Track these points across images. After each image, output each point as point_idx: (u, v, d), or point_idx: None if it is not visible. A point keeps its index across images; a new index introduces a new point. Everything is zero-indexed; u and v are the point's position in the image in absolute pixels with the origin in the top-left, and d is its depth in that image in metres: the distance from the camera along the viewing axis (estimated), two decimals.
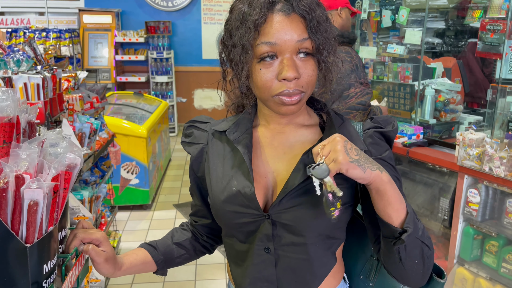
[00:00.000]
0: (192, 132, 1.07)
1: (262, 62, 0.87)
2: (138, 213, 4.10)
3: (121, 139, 3.90)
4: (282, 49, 0.85)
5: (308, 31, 0.86)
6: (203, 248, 1.16)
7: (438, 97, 2.86)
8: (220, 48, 0.98)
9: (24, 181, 0.67)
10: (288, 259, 0.94)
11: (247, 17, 0.86)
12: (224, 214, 0.96)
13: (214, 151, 1.02)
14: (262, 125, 1.01)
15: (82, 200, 2.18)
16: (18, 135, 0.75)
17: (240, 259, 0.99)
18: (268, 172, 0.96)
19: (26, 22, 6.57)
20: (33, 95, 1.86)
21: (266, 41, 0.85)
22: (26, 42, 2.57)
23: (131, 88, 6.91)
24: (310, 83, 0.89)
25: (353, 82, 2.19)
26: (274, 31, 0.85)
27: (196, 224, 1.15)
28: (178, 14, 7.03)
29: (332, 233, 0.94)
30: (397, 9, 3.12)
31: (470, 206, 2.36)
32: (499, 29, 2.38)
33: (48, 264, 0.75)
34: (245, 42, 0.86)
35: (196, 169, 1.06)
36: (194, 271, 3.12)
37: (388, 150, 0.96)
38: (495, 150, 2.17)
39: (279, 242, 0.93)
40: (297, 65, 0.86)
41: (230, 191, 0.94)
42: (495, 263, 2.31)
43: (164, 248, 1.10)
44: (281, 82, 0.86)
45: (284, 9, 0.86)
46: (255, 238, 0.94)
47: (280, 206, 0.91)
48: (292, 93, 0.87)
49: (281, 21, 0.85)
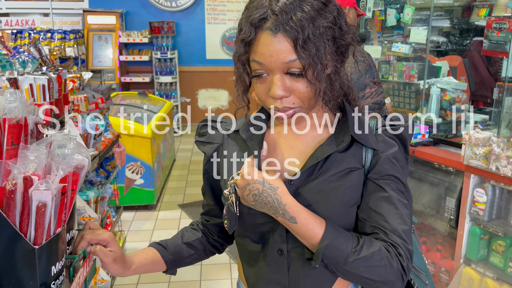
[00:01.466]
0: (207, 131, 1.07)
1: (257, 77, 0.88)
2: (143, 213, 4.10)
3: (126, 140, 3.91)
4: (269, 69, 0.85)
5: (296, 50, 0.82)
6: (213, 248, 1.16)
7: (443, 96, 2.85)
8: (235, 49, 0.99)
9: (33, 183, 0.67)
10: (301, 261, 0.93)
11: (242, 34, 0.87)
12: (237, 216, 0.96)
13: (229, 151, 1.02)
14: (277, 125, 1.01)
15: (88, 200, 2.18)
16: (26, 136, 0.75)
17: (253, 260, 0.99)
18: (283, 171, 0.96)
19: (31, 23, 6.60)
20: (39, 96, 1.86)
21: (255, 59, 0.86)
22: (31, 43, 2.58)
23: (135, 88, 6.92)
24: (305, 99, 0.87)
25: (368, 82, 2.18)
26: (261, 52, 0.84)
27: (208, 223, 1.15)
28: (182, 14, 7.04)
29: None
30: (402, 7, 3.10)
31: (476, 206, 2.34)
32: (505, 28, 2.36)
33: (56, 266, 0.75)
34: (240, 58, 0.89)
35: (210, 168, 1.06)
36: (199, 271, 3.12)
37: (396, 148, 0.93)
38: (501, 149, 2.15)
39: (293, 244, 0.92)
40: (285, 84, 0.85)
41: None
42: (502, 263, 2.29)
43: (174, 247, 1.10)
44: (270, 98, 0.87)
45: (272, 27, 0.82)
46: (269, 239, 0.94)
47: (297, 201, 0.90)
48: (283, 109, 0.87)
49: (267, 42, 0.83)
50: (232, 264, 3.20)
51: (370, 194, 0.91)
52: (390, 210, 0.89)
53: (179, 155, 5.98)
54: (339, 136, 0.93)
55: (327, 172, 0.91)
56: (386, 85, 3.15)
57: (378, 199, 0.90)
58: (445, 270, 2.64)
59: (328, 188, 0.90)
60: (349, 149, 0.93)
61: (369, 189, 0.92)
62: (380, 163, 0.92)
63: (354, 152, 0.93)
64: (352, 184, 0.91)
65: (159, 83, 6.86)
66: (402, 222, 0.88)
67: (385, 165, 0.92)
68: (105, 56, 6.62)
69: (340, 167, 0.91)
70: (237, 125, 1.03)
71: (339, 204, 0.90)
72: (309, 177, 0.91)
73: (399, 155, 0.94)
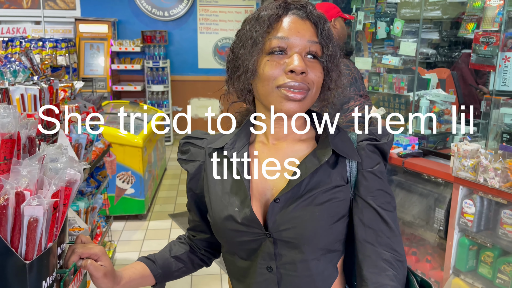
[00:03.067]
0: (189, 148, 1.07)
1: (271, 55, 0.89)
2: (134, 223, 4.08)
3: (117, 149, 3.89)
4: (292, 45, 0.89)
5: (318, 37, 0.91)
6: (200, 262, 1.16)
7: (432, 108, 2.89)
8: (229, 55, 0.99)
9: (25, 198, 0.67)
10: (290, 277, 0.94)
11: (262, 16, 0.91)
12: (225, 233, 0.97)
13: (213, 168, 1.02)
14: (259, 141, 1.01)
15: (78, 211, 2.17)
16: (19, 151, 0.76)
17: (242, 276, 0.99)
18: (268, 190, 0.96)
19: (22, 31, 6.58)
20: (30, 106, 1.86)
21: (278, 35, 0.89)
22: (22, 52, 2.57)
23: (127, 97, 6.91)
24: (316, 84, 0.91)
25: (352, 95, 2.19)
26: (287, 28, 0.89)
27: (194, 238, 1.15)
28: (174, 23, 7.06)
29: (333, 246, 0.94)
30: (392, 20, 3.15)
31: (465, 217, 2.37)
32: (493, 42, 2.41)
33: (47, 280, 0.75)
34: (256, 35, 0.90)
35: (195, 186, 1.06)
36: (189, 282, 3.10)
37: (379, 163, 0.96)
38: (489, 161, 2.19)
39: (281, 261, 0.93)
40: (306, 63, 0.89)
41: (231, 210, 0.94)
42: (491, 273, 2.31)
43: (162, 261, 1.10)
44: (287, 74, 0.88)
45: (299, 13, 0.91)
46: (257, 256, 0.94)
47: (281, 220, 0.91)
48: (298, 87, 0.88)
49: (294, 21, 0.90)
50: (223, 275, 3.18)
51: (361, 211, 0.93)
52: (381, 225, 0.92)
53: (170, 164, 5.96)
54: (320, 151, 0.94)
55: (311, 190, 0.92)
56: (376, 97, 3.19)
57: (369, 216, 0.92)
58: (434, 281, 2.65)
59: (312, 205, 0.91)
60: (335, 166, 0.94)
61: (360, 206, 0.93)
62: (368, 179, 0.94)
63: (340, 169, 0.95)
64: (337, 201, 0.93)
65: (151, 92, 6.86)
66: (393, 235, 0.92)
67: (372, 182, 0.94)
68: (96, 65, 6.61)
69: (325, 184, 0.93)
70: (219, 142, 1.02)
71: (324, 220, 0.91)
72: (294, 195, 0.92)
73: (383, 168, 0.96)
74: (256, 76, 0.91)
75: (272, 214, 0.92)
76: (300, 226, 0.90)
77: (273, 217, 0.92)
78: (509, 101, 2.43)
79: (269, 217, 0.92)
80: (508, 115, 2.42)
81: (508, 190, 2.09)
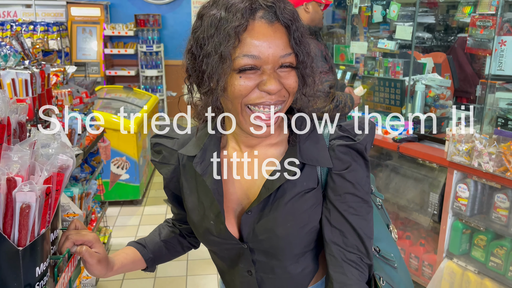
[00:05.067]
0: (161, 150, 1.03)
1: (243, 72, 0.81)
2: (129, 208, 4.08)
3: (111, 134, 3.87)
4: (265, 62, 0.80)
5: (291, 43, 0.82)
6: (189, 244, 1.18)
7: (428, 93, 2.88)
8: (186, 56, 0.90)
9: (16, 184, 0.66)
10: (271, 280, 0.96)
11: (225, 23, 0.78)
12: (204, 241, 0.99)
13: (187, 175, 0.99)
14: (231, 146, 0.96)
15: (72, 197, 2.16)
16: (9, 136, 0.74)
17: (226, 272, 1.02)
18: (242, 199, 0.95)
19: (12, 15, 6.45)
20: (21, 91, 1.83)
21: (247, 54, 0.79)
22: (13, 36, 2.53)
23: (121, 82, 6.84)
24: (292, 93, 0.86)
25: None
26: (256, 44, 0.79)
27: (181, 227, 1.16)
28: (168, 7, 6.96)
29: (309, 247, 0.94)
30: (388, 4, 3.12)
31: (459, 201, 2.38)
32: (489, 25, 2.40)
33: (40, 267, 0.74)
34: (223, 51, 0.78)
35: (173, 188, 1.05)
36: (185, 267, 3.12)
37: (350, 166, 0.88)
38: (484, 146, 2.19)
39: (260, 266, 0.95)
40: (279, 76, 0.82)
41: (207, 223, 0.95)
42: (483, 257, 2.34)
43: (152, 246, 1.11)
44: (261, 92, 0.82)
45: (267, 16, 0.80)
46: (238, 261, 0.96)
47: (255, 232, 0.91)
48: (274, 103, 0.83)
49: (264, 32, 0.79)
50: None
51: (329, 211, 0.90)
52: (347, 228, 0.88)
53: None
54: (288, 162, 0.90)
55: (280, 199, 0.89)
56: (371, 81, 3.17)
57: (335, 218, 0.89)
58: (428, 264, 2.68)
59: (283, 215, 0.89)
60: (301, 171, 0.90)
61: (328, 207, 0.90)
62: (336, 182, 0.89)
63: (307, 174, 0.90)
64: (309, 206, 0.90)
65: (145, 76, 6.79)
66: (359, 238, 0.88)
67: (340, 184, 0.88)
68: (89, 49, 6.53)
69: (292, 192, 0.89)
70: (190, 147, 0.97)
71: (296, 228, 0.89)
72: (265, 206, 0.90)
73: (356, 169, 0.89)
74: (225, 93, 0.83)
75: (246, 226, 0.92)
76: (273, 237, 0.90)
77: (247, 229, 0.92)
78: (504, 86, 2.43)
79: (243, 228, 0.92)
80: (504, 99, 2.42)
81: (502, 174, 2.10)
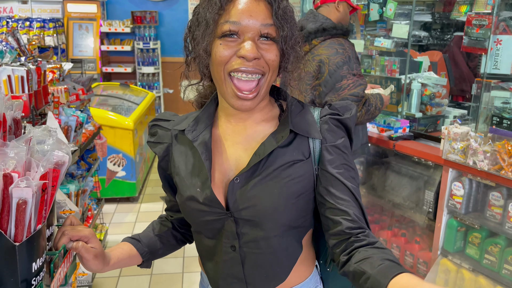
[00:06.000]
0: (157, 131, 1.07)
1: (223, 38, 0.87)
2: (125, 205, 4.08)
3: (108, 131, 3.86)
4: (244, 30, 0.86)
5: (273, 17, 0.87)
6: (183, 238, 1.19)
7: (424, 91, 2.89)
8: (185, 31, 0.97)
9: (13, 180, 0.66)
10: (254, 255, 0.95)
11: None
12: (189, 212, 0.98)
13: (178, 150, 1.02)
14: (222, 121, 1.01)
15: (69, 194, 2.16)
16: (5, 133, 0.74)
17: (210, 254, 1.01)
18: (230, 170, 0.97)
19: (8, 11, 6.42)
20: (17, 87, 1.83)
21: (229, 20, 0.86)
22: (9, 33, 2.52)
23: (117, 78, 6.82)
24: (272, 67, 0.89)
25: (345, 74, 2.17)
26: (238, 11, 0.85)
27: (173, 218, 1.17)
28: (165, 4, 6.95)
29: (295, 222, 0.95)
30: (385, 2, 3.13)
31: (454, 199, 2.40)
32: (485, 24, 2.41)
33: (37, 262, 0.74)
34: (208, 17, 0.87)
35: (165, 167, 1.07)
36: (181, 263, 3.12)
37: (344, 137, 0.96)
38: (479, 144, 2.20)
39: (243, 239, 0.94)
40: (258, 47, 0.87)
41: (194, 190, 0.96)
42: (478, 254, 2.36)
43: (147, 240, 1.12)
44: (240, 59, 0.87)
45: None
46: (222, 236, 0.96)
47: (240, 199, 0.92)
48: (251, 71, 0.87)
49: (247, 2, 0.86)
50: None
51: (330, 183, 0.93)
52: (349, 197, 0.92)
53: None
54: (279, 132, 0.94)
55: (269, 167, 0.92)
56: (368, 79, 3.18)
57: (338, 188, 0.92)
58: (423, 261, 2.70)
59: (271, 182, 0.92)
60: (292, 143, 0.94)
61: (328, 179, 0.93)
62: (332, 153, 0.94)
63: (297, 145, 0.94)
64: (296, 176, 0.93)
65: (142, 73, 6.78)
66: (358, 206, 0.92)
67: (337, 156, 0.94)
68: (86, 46, 6.50)
69: (282, 161, 0.93)
70: (183, 123, 1.03)
71: (283, 197, 0.91)
72: (253, 174, 0.92)
73: (347, 143, 0.97)
74: (210, 59, 0.90)
75: (232, 194, 0.93)
76: (259, 204, 0.91)
77: (233, 197, 0.93)
78: (500, 84, 2.44)
79: (229, 197, 0.93)
80: (499, 98, 2.43)
81: (497, 172, 2.12)
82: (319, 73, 2.21)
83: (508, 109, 2.40)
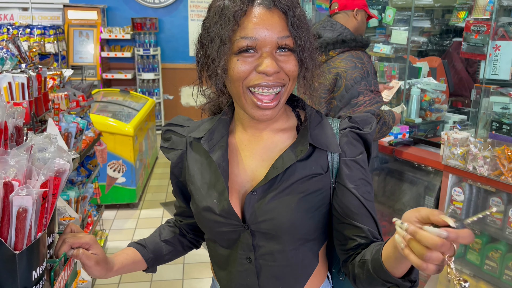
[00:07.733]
0: (171, 136, 1.06)
1: (241, 54, 0.85)
2: (125, 211, 4.07)
3: (108, 138, 3.87)
4: (262, 44, 0.84)
5: (289, 27, 0.85)
6: (190, 244, 1.18)
7: (423, 97, 2.90)
8: (196, 46, 0.96)
9: (13, 188, 0.66)
10: (269, 267, 0.94)
11: (227, 10, 0.84)
12: (205, 222, 0.97)
13: (193, 158, 1.01)
14: (239, 130, 1.00)
15: (69, 200, 2.16)
16: (6, 140, 0.75)
17: (224, 264, 1.00)
18: (246, 181, 0.96)
19: (9, 18, 6.45)
20: (18, 94, 1.83)
21: (245, 36, 0.84)
22: (10, 40, 2.53)
23: (117, 85, 6.84)
24: (292, 77, 0.88)
25: (362, 90, 2.08)
26: (254, 25, 0.83)
27: (182, 223, 1.16)
28: (165, 10, 6.97)
29: (312, 236, 0.94)
30: (384, 8, 3.14)
31: (454, 204, 2.40)
32: (483, 30, 2.42)
33: (37, 270, 0.74)
34: (223, 34, 0.84)
35: (178, 174, 1.06)
36: (181, 270, 3.11)
37: (363, 152, 0.94)
38: (478, 150, 2.21)
39: (259, 252, 0.94)
40: (277, 59, 0.86)
41: (210, 201, 0.95)
42: (479, 260, 2.35)
43: (153, 246, 1.11)
44: (259, 74, 0.85)
45: (265, 2, 0.85)
46: (237, 247, 0.95)
47: (258, 212, 0.91)
48: (272, 85, 0.86)
49: (261, 15, 0.84)
50: None
51: (347, 199, 0.92)
52: (364, 213, 0.91)
53: (161, 152, 5.94)
54: (298, 145, 0.93)
55: (287, 181, 0.91)
56: None
57: (353, 204, 0.91)
58: None
59: (289, 196, 0.90)
60: (310, 156, 0.93)
61: (344, 194, 0.92)
62: (351, 168, 0.92)
63: (316, 158, 0.93)
64: (314, 190, 0.92)
65: (142, 80, 6.80)
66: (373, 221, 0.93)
67: (355, 171, 0.92)
68: (86, 52, 6.52)
69: (300, 174, 0.91)
70: (199, 131, 1.01)
71: (301, 211, 0.90)
72: (271, 187, 0.91)
73: (365, 158, 0.95)
74: (227, 76, 0.88)
75: (249, 206, 0.92)
76: (277, 217, 0.90)
77: (250, 209, 0.92)
78: (499, 90, 2.45)
79: (246, 209, 0.92)
80: (498, 103, 2.44)
81: (497, 178, 2.12)
82: (335, 86, 2.11)
83: (507, 115, 2.40)
